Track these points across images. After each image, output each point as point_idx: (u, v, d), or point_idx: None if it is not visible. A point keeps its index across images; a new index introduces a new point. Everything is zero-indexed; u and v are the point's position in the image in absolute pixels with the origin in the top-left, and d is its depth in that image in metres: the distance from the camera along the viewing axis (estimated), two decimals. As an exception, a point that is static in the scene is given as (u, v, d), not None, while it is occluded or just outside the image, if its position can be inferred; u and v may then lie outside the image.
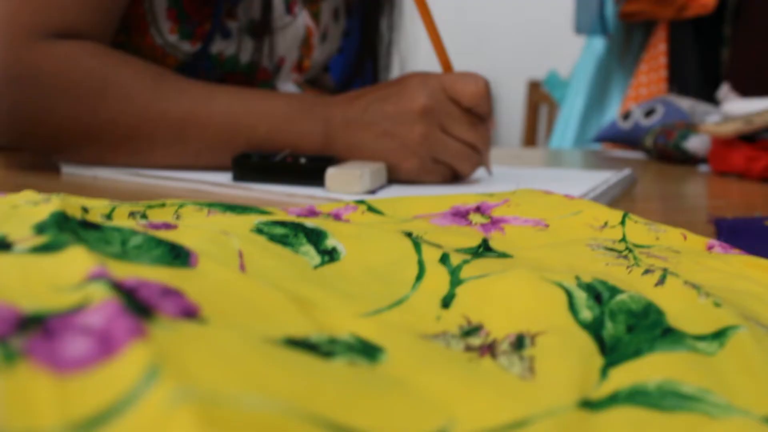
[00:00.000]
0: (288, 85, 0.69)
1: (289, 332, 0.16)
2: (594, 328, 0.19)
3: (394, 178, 0.51)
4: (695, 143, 0.86)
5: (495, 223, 0.33)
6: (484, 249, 0.29)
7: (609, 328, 0.19)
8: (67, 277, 0.16)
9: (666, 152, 0.88)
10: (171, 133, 0.50)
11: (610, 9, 1.36)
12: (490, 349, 0.18)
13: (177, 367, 0.12)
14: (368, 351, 0.16)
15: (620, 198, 0.55)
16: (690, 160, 0.86)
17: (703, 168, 0.83)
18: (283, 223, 0.25)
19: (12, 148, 0.57)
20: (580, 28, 1.40)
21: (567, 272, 0.23)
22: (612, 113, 1.43)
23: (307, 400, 0.12)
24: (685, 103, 0.99)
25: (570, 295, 0.21)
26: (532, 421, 0.14)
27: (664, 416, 0.15)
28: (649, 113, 0.99)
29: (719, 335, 0.19)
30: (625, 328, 0.19)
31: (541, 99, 2.30)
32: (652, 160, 0.91)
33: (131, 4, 0.54)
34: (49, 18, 0.48)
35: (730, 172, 0.78)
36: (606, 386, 0.16)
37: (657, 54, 1.29)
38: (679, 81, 1.27)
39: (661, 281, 0.23)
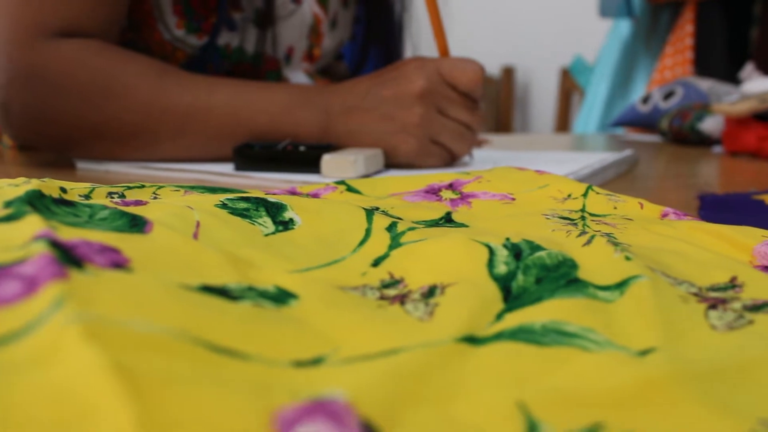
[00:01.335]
0: (298, 75, 0.71)
1: (208, 281, 0.18)
2: (505, 280, 0.21)
3: (392, 162, 0.53)
4: (710, 124, 0.85)
5: (464, 198, 0.35)
6: (445, 221, 0.31)
7: (519, 280, 0.21)
8: (18, 239, 0.18)
9: (681, 134, 0.88)
10: (174, 127, 0.52)
11: (636, -9, 1.35)
12: (401, 297, 0.20)
13: (81, 299, 0.14)
14: (280, 297, 0.18)
15: (620, 178, 0.56)
16: (705, 141, 0.86)
17: (718, 149, 0.83)
18: (247, 199, 0.28)
19: (29, 147, 0.61)
20: (605, 11, 1.39)
21: (506, 236, 0.24)
22: (636, 98, 1.41)
23: (197, 329, 0.15)
24: (705, 84, 0.98)
25: (492, 253, 0.22)
26: (405, 350, 0.16)
27: (540, 349, 0.17)
28: (668, 96, 0.99)
29: (621, 284, 0.20)
30: (534, 280, 0.21)
31: (573, 87, 2.29)
32: (668, 143, 0.91)
33: (138, 1, 0.57)
34: (54, 17, 0.51)
35: (743, 151, 0.77)
36: (496, 327, 0.18)
37: (683, 35, 1.27)
38: (705, 62, 1.25)
39: (589, 242, 0.24)
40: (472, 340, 0.17)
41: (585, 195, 0.34)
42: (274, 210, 0.27)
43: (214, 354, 0.14)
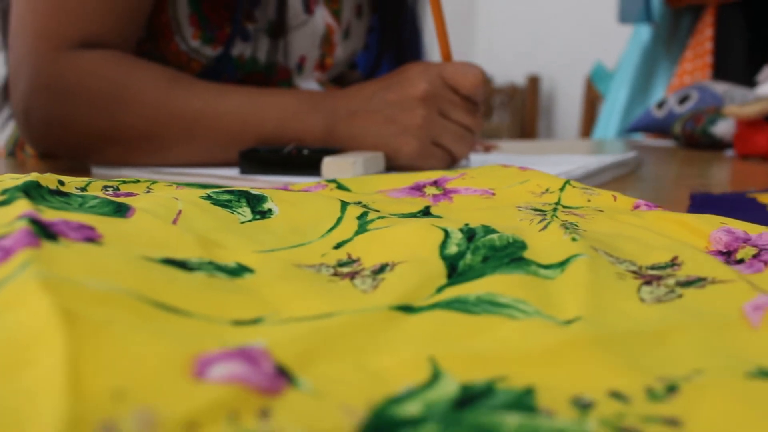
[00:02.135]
0: (311, 84, 0.73)
1: (171, 256, 0.20)
2: (453, 259, 0.22)
3: (394, 164, 0.54)
4: (723, 128, 0.85)
5: (446, 193, 0.36)
6: (423, 214, 0.32)
7: (467, 259, 0.22)
8: (6, 219, 0.20)
9: (694, 138, 0.88)
10: (184, 132, 0.55)
11: (656, -5, 1.35)
12: (353, 274, 0.21)
13: (46, 261, 0.16)
14: (236, 271, 0.20)
15: (623, 179, 0.57)
16: (718, 145, 0.85)
17: (730, 153, 0.82)
18: (230, 192, 0.30)
19: (49, 155, 0.64)
20: (625, 16, 1.39)
21: (467, 223, 0.26)
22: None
23: (146, 290, 0.16)
24: (721, 88, 0.98)
25: (447, 236, 0.24)
26: (338, 314, 0.17)
27: (469, 317, 0.18)
28: (683, 100, 0.99)
29: (563, 263, 0.22)
30: (481, 259, 0.22)
31: (597, 95, 2.28)
32: (681, 147, 0.91)
33: (156, 12, 0.60)
34: (75, 30, 0.54)
35: (754, 154, 0.77)
36: (434, 298, 0.19)
37: (703, 40, 1.27)
38: (724, 66, 1.24)
39: (545, 227, 0.26)
40: (407, 308, 0.18)
41: (562, 189, 0.35)
42: (255, 201, 0.29)
43: (158, 310, 0.16)
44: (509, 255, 0.22)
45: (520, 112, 3.09)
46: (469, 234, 0.24)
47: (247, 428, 0.11)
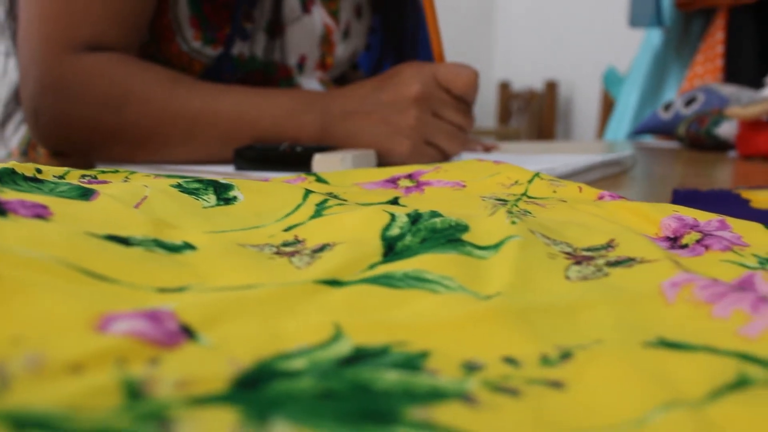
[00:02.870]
0: (312, 83, 0.74)
1: (116, 233, 0.21)
2: (392, 240, 0.23)
3: (388, 163, 0.55)
4: (726, 129, 0.84)
5: (419, 185, 0.37)
6: (390, 205, 0.33)
7: (406, 241, 0.23)
8: (-35, 196, 0.21)
9: (698, 139, 0.87)
10: (184, 131, 0.56)
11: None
12: (293, 253, 0.22)
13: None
14: (178, 248, 0.21)
15: (612, 177, 0.57)
16: (722, 146, 0.85)
17: (733, 154, 0.82)
18: (200, 180, 0.31)
19: (60, 154, 0.66)
20: (635, 20, 1.38)
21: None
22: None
23: (78, 260, 0.17)
24: (728, 90, 0.97)
25: (393, 219, 0.25)
26: (261, 286, 0.18)
27: (391, 291, 0.19)
28: (689, 102, 0.98)
29: (498, 244, 0.22)
30: (420, 240, 0.23)
31: (614, 101, 2.27)
32: (686, 149, 0.91)
33: (158, 15, 0.62)
34: (81, 34, 0.56)
35: (756, 155, 0.77)
36: (364, 274, 0.20)
37: (714, 43, 1.26)
38: (735, 69, 1.23)
39: (493, 212, 0.26)
40: (334, 283, 0.19)
41: (530, 181, 0.36)
42: (222, 189, 0.30)
43: (84, 276, 0.17)
44: (447, 236, 0.23)
45: (538, 116, 3.08)
46: (415, 218, 0.25)
47: (131, 373, 0.12)
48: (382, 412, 0.12)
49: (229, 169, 0.56)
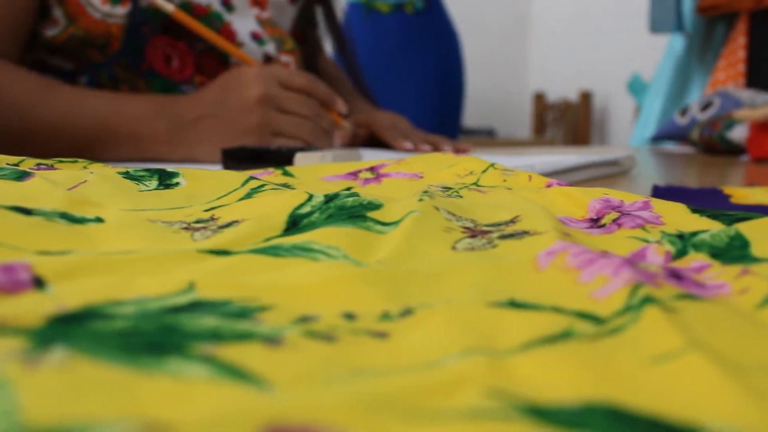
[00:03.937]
0: (248, 21, 0.74)
1: (24, 205, 0.22)
2: (299, 217, 0.23)
3: None
4: (739, 132, 0.83)
5: (378, 177, 0.38)
6: (341, 193, 0.34)
7: (313, 218, 0.23)
8: None
9: (711, 143, 0.86)
10: (51, 135, 0.60)
11: (687, 5, 1.32)
12: (199, 228, 0.23)
13: None
14: (82, 220, 0.22)
15: (608, 178, 0.57)
16: (735, 150, 0.83)
17: (746, 158, 0.80)
18: (149, 169, 0.32)
19: None
20: (656, 26, 1.36)
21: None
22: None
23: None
24: (745, 94, 0.95)
25: (309, 199, 0.25)
26: (139, 252, 0.19)
27: (272, 259, 0.19)
28: (705, 107, 0.97)
29: (399, 220, 0.23)
30: (326, 217, 0.23)
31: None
32: (699, 153, 0.89)
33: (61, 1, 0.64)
34: None
35: (767, 158, 0.75)
36: (255, 246, 0.21)
37: (736, 48, 1.23)
38: (756, 74, 1.20)
39: (421, 200, 0.27)
40: (220, 252, 0.20)
41: (484, 171, 0.36)
42: (166, 176, 0.31)
43: (-38, 237, 0.18)
44: (350, 213, 0.23)
45: (573, 126, 3.05)
46: (331, 198, 0.25)
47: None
48: (165, 345, 0.12)
49: (217, 167, 0.57)
